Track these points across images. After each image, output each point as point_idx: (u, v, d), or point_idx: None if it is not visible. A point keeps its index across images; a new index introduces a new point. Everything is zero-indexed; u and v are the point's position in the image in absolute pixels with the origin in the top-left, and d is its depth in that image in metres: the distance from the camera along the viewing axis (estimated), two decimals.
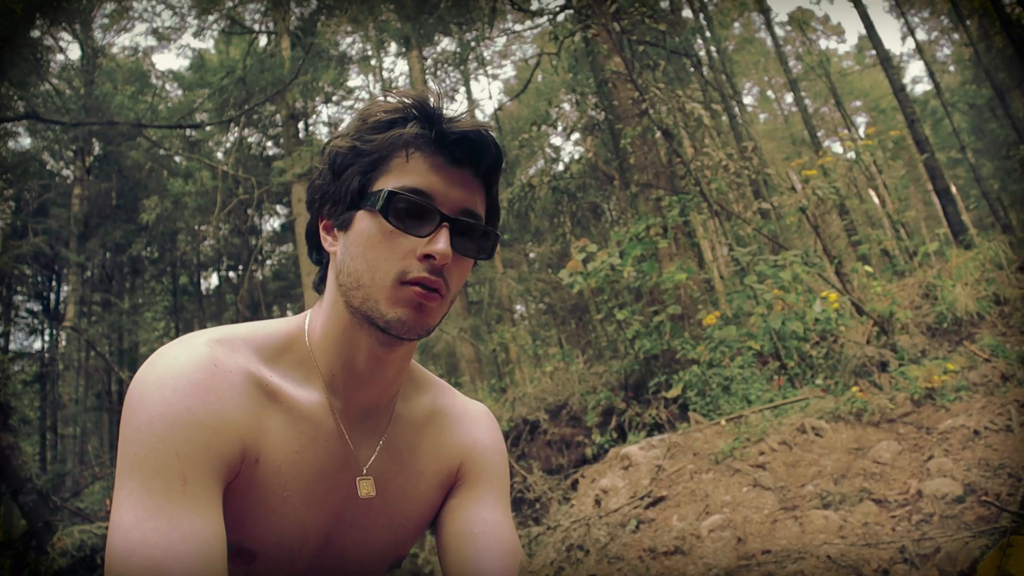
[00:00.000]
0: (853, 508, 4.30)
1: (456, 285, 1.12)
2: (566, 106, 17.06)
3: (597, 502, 5.59)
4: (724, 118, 18.38)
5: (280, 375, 1.14)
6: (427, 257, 1.06)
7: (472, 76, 29.22)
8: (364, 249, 1.08)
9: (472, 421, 1.37)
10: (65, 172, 22.21)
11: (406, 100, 1.11)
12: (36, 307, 22.47)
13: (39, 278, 22.69)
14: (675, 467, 5.57)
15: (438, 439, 1.31)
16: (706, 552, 4.22)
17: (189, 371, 1.02)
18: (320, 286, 1.23)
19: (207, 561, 0.89)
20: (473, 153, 1.11)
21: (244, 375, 1.08)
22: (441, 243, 1.05)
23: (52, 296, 22.68)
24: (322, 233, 1.18)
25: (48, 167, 22.35)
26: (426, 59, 22.96)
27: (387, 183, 1.08)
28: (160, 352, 1.06)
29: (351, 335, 1.14)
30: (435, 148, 1.09)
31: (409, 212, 1.07)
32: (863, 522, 4.12)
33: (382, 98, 1.15)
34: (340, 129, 1.20)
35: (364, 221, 1.09)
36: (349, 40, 24.43)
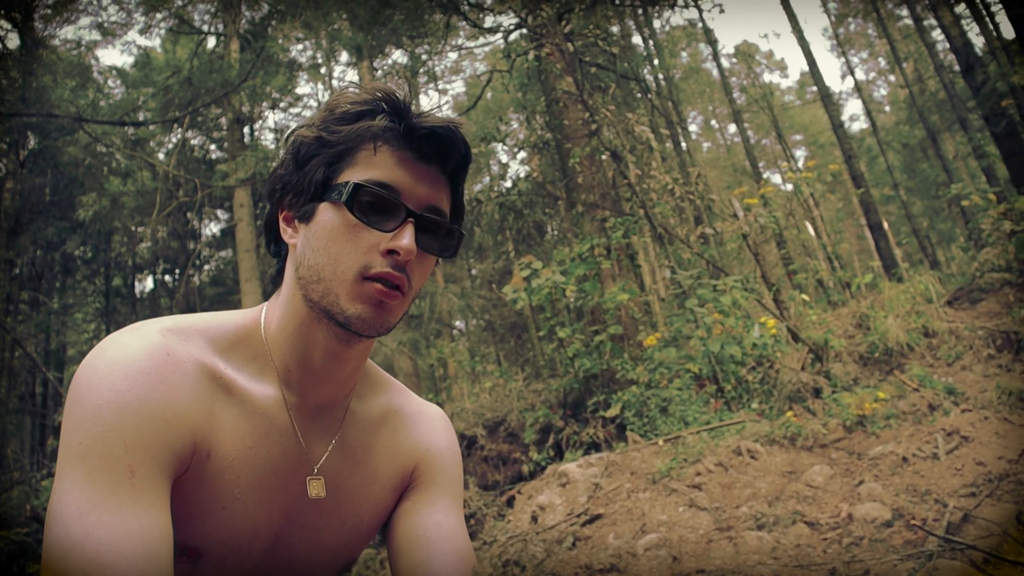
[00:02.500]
0: (786, 530, 4.38)
1: (418, 283, 1.10)
2: (515, 124, 17.16)
3: (534, 518, 5.59)
4: (669, 144, 18.70)
5: (234, 368, 1.11)
6: (391, 252, 1.04)
7: (422, 90, 29.20)
8: (326, 242, 1.05)
9: (427, 423, 1.34)
10: None
11: (376, 92, 1.09)
12: None
13: None
14: (612, 485, 5.60)
15: (392, 440, 1.28)
16: (642, 570, 4.24)
17: (140, 359, 0.97)
18: (277, 279, 1.20)
19: (152, 558, 0.85)
20: (442, 149, 1.09)
21: (197, 366, 1.04)
22: (406, 239, 1.03)
23: None
24: (282, 224, 1.15)
25: None
26: (376, 70, 22.89)
27: (353, 175, 1.06)
28: (110, 338, 1.01)
29: (308, 330, 1.11)
30: (403, 142, 1.07)
31: (374, 206, 1.05)
32: (795, 544, 4.19)
33: (351, 89, 1.13)
34: (306, 119, 1.17)
35: (327, 213, 1.06)
36: (300, 47, 24.25)
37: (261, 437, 1.09)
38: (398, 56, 22.06)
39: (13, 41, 19.56)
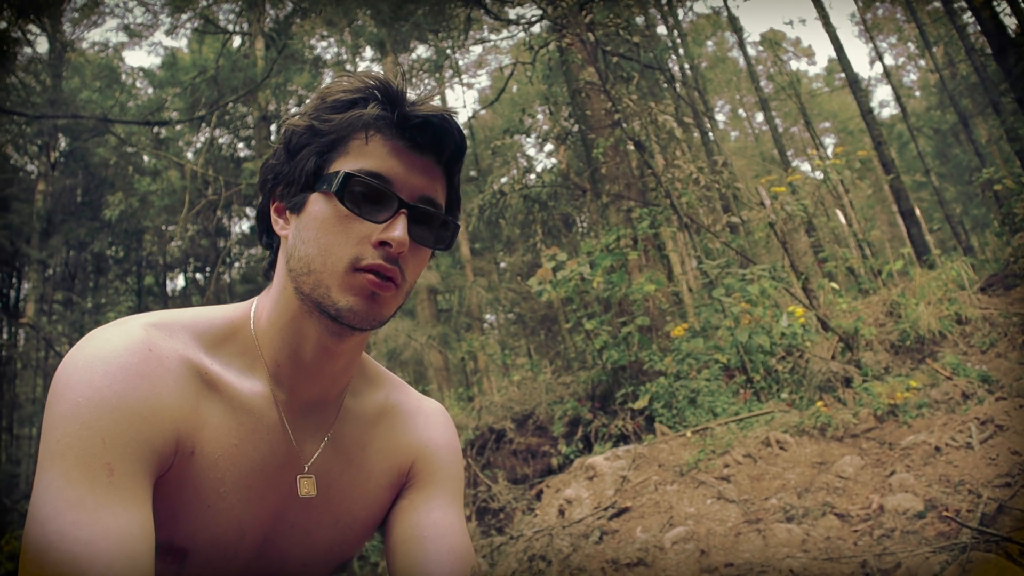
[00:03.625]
0: (816, 522, 4.31)
1: (412, 276, 1.08)
2: (540, 116, 17.11)
3: (561, 512, 5.56)
4: (696, 134, 18.54)
5: (221, 363, 1.08)
6: (383, 244, 1.01)
7: (447, 84, 29.23)
8: (317, 233, 1.03)
9: (426, 419, 1.31)
10: (30, 167, 21.85)
11: (368, 80, 1.07)
12: None
13: None
14: (640, 478, 5.56)
15: (389, 436, 1.25)
16: (669, 564, 4.20)
17: (121, 354, 0.95)
18: (269, 272, 1.18)
19: (131, 558, 0.82)
20: (435, 139, 1.06)
21: (181, 361, 1.02)
22: (398, 230, 1.01)
23: (12, 293, 22.23)
24: (273, 215, 1.13)
25: (12, 161, 21.98)
26: (401, 65, 22.91)
27: (344, 165, 1.03)
28: (92, 334, 1.00)
29: (299, 323, 1.09)
30: (396, 131, 1.05)
31: (366, 196, 1.02)
32: (825, 536, 4.13)
33: (345, 78, 1.10)
34: (299, 108, 1.14)
35: (318, 204, 1.04)
36: (324, 44, 24.34)
37: (247, 434, 1.07)
38: (422, 51, 22.09)
39: (43, 45, 19.85)
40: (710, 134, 19.29)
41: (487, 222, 12.92)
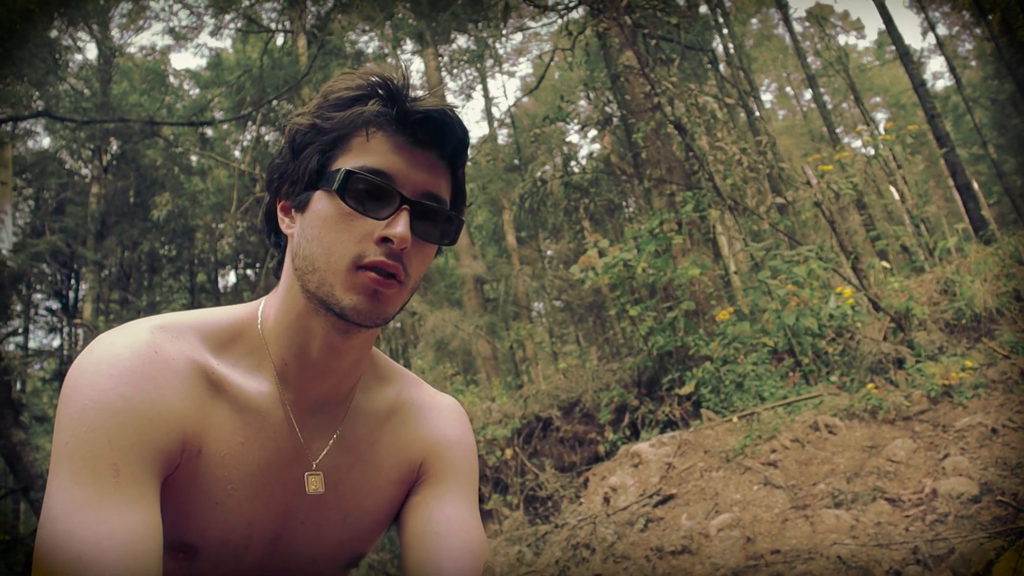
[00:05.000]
0: (865, 507, 4.20)
1: (417, 272, 1.07)
2: (583, 103, 16.99)
3: (606, 500, 5.52)
4: (742, 115, 18.23)
5: (228, 364, 1.09)
6: (385, 241, 1.00)
7: (489, 74, 29.19)
8: (320, 231, 1.03)
9: (438, 415, 1.30)
10: (83, 171, 22.37)
11: (370, 77, 1.06)
12: (55, 305, 22.65)
13: (58, 276, 22.85)
14: (685, 465, 5.48)
15: (400, 433, 1.24)
16: (714, 552, 4.13)
17: (126, 357, 0.97)
18: (278, 271, 1.17)
19: (138, 556, 0.84)
20: (437, 134, 1.05)
21: (187, 363, 1.03)
22: (400, 226, 1.00)
23: (71, 294, 22.82)
24: (280, 214, 1.13)
25: (67, 166, 22.54)
26: (442, 56, 22.95)
27: (346, 163, 1.03)
28: (100, 338, 1.01)
29: (306, 322, 1.08)
30: (397, 127, 1.04)
31: (368, 193, 1.02)
32: (875, 522, 4.02)
33: (347, 75, 1.09)
34: (304, 107, 1.14)
35: (321, 202, 1.04)
36: (365, 38, 24.48)
37: (254, 433, 1.08)
38: (463, 41, 22.09)
39: (92, 52, 20.30)
40: (757, 113, 18.94)
41: (529, 211, 12.87)
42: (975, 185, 22.53)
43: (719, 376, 7.47)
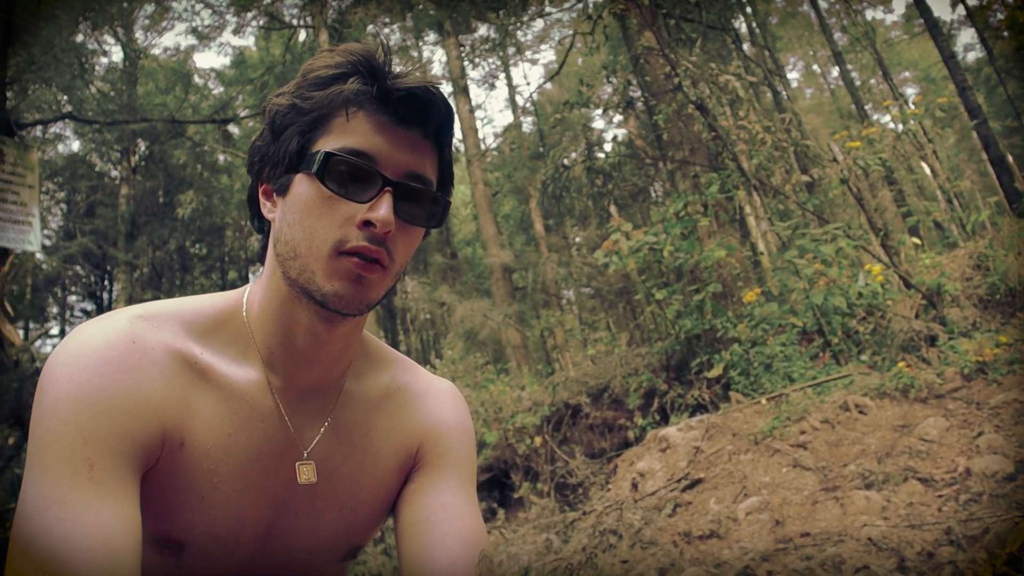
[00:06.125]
0: (897, 488, 4.12)
1: (403, 256, 1.03)
2: (608, 88, 16.87)
3: (634, 486, 5.47)
4: (768, 95, 18.00)
5: (212, 352, 1.06)
6: (367, 224, 0.97)
7: (511, 62, 29.11)
8: (301, 216, 1.00)
9: (434, 399, 1.26)
10: (113, 173, 22.66)
11: (351, 55, 1.01)
12: (89, 307, 23.01)
13: (91, 278, 23.21)
14: (713, 448, 5.42)
15: (395, 419, 1.21)
16: (743, 536, 4.08)
17: (101, 348, 0.94)
18: (262, 257, 1.14)
19: (113, 552, 0.81)
20: (420, 112, 1.01)
21: (168, 352, 1.00)
22: (383, 209, 0.96)
23: (104, 295, 23.17)
24: (261, 199, 1.10)
25: (96, 169, 22.85)
26: (463, 46, 22.89)
27: (327, 144, 0.99)
28: (77, 329, 0.99)
29: (290, 309, 1.05)
30: (379, 106, 1.00)
31: (349, 175, 0.98)
32: (907, 502, 3.94)
33: (327, 53, 1.05)
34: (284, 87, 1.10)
35: (302, 185, 1.00)
36: (386, 31, 24.49)
37: (241, 422, 1.04)
38: (484, 30, 22.01)
39: (118, 54, 20.52)
40: (783, 93, 18.69)
41: (552, 197, 12.80)
42: (1009, 158, 22.05)
43: (748, 358, 7.38)
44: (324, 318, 1.04)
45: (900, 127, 10.09)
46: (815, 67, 39.30)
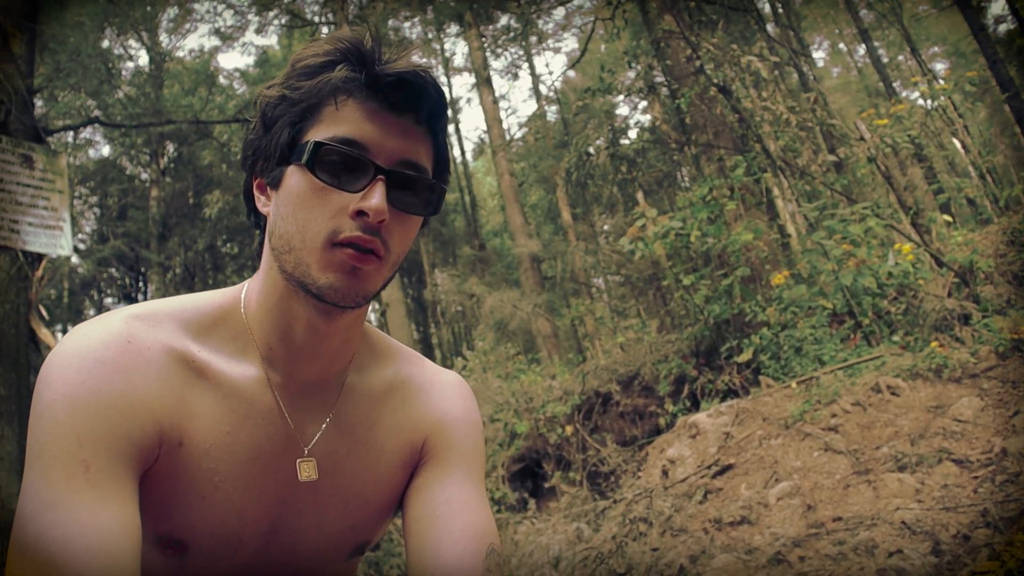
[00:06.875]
0: (931, 470, 4.05)
1: (399, 246, 1.01)
2: (631, 74, 16.74)
3: (664, 473, 5.45)
4: (794, 76, 17.75)
5: (211, 350, 1.05)
6: (360, 214, 0.95)
7: (534, 51, 28.97)
8: (294, 208, 0.98)
9: (440, 392, 1.24)
10: (143, 176, 22.94)
11: (339, 43, 1.00)
12: None
13: (126, 280, 23.53)
14: (743, 434, 5.37)
15: (399, 413, 1.19)
16: (774, 521, 4.04)
17: (97, 349, 0.94)
18: (259, 252, 1.13)
19: (110, 554, 0.81)
20: (411, 97, 0.99)
21: (164, 351, 0.99)
22: (375, 198, 0.94)
23: (140, 297, 23.47)
24: (256, 193, 1.08)
25: (127, 172, 23.14)
26: (485, 37, 22.84)
27: (317, 134, 0.97)
28: (73, 330, 0.98)
29: (287, 304, 1.04)
30: (368, 93, 0.98)
31: (340, 165, 0.96)
32: (942, 484, 3.88)
33: (315, 42, 1.04)
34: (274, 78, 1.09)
35: (294, 177, 0.99)
36: (407, 24, 24.50)
37: (240, 420, 1.03)
38: (505, 20, 21.94)
39: (143, 58, 20.74)
40: (809, 73, 18.42)
41: (576, 184, 12.73)
42: None
43: (777, 342, 7.30)
44: (322, 311, 1.02)
45: (929, 103, 9.92)
46: (841, 45, 38.67)
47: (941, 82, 10.34)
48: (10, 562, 0.81)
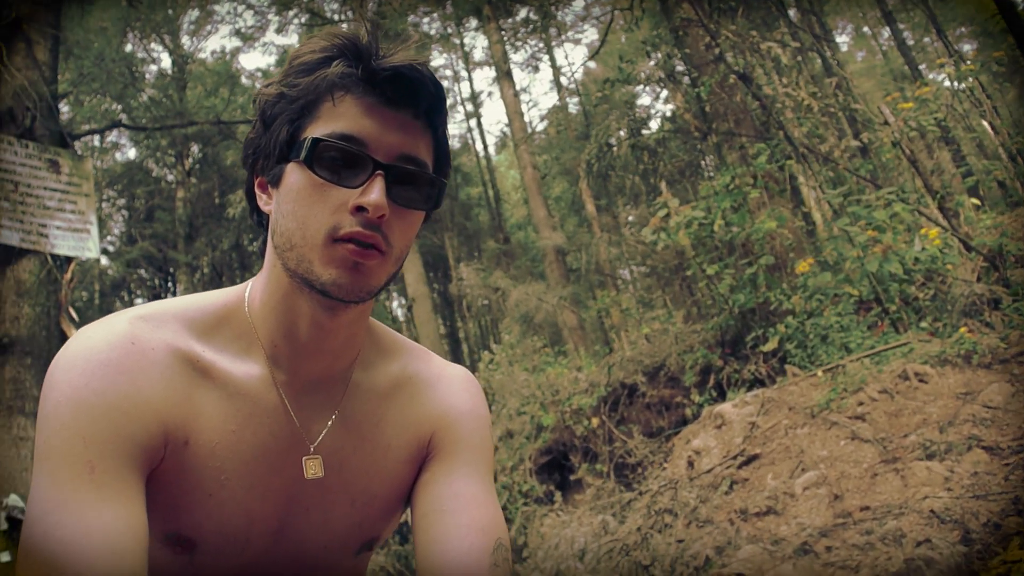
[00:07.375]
0: (960, 457, 4.00)
1: (401, 241, 1.01)
2: (651, 64, 16.64)
3: (690, 464, 5.42)
4: (817, 61, 17.55)
5: (215, 349, 1.06)
6: (360, 210, 0.95)
7: (554, 43, 28.86)
8: (295, 205, 0.99)
9: (447, 387, 1.24)
10: (169, 177, 23.18)
11: (335, 39, 1.00)
12: None
13: (155, 280, 23.81)
14: (769, 423, 5.33)
15: (406, 409, 1.19)
16: (800, 511, 4.01)
17: (101, 350, 0.95)
18: (262, 250, 1.13)
19: (117, 553, 0.82)
20: (409, 91, 0.99)
21: (169, 351, 1.00)
22: (374, 193, 0.94)
23: (169, 297, 23.74)
24: (257, 191, 1.09)
25: (153, 174, 23.40)
26: (503, 31, 22.79)
27: (315, 130, 0.98)
28: (79, 332, 0.99)
29: (291, 301, 1.04)
30: (366, 88, 0.98)
31: (339, 161, 0.96)
32: (971, 472, 3.82)
33: (312, 38, 1.04)
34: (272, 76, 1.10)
35: (293, 174, 0.99)
36: (427, 20, 24.50)
37: (245, 419, 1.04)
38: (524, 13, 21.88)
39: (166, 61, 20.94)
40: (832, 59, 18.20)
41: (598, 175, 12.68)
42: None
43: (803, 330, 7.23)
44: (326, 307, 1.02)
45: (956, 85, 9.77)
46: (865, 29, 38.17)
47: (968, 63, 10.17)
48: (19, 562, 0.83)
